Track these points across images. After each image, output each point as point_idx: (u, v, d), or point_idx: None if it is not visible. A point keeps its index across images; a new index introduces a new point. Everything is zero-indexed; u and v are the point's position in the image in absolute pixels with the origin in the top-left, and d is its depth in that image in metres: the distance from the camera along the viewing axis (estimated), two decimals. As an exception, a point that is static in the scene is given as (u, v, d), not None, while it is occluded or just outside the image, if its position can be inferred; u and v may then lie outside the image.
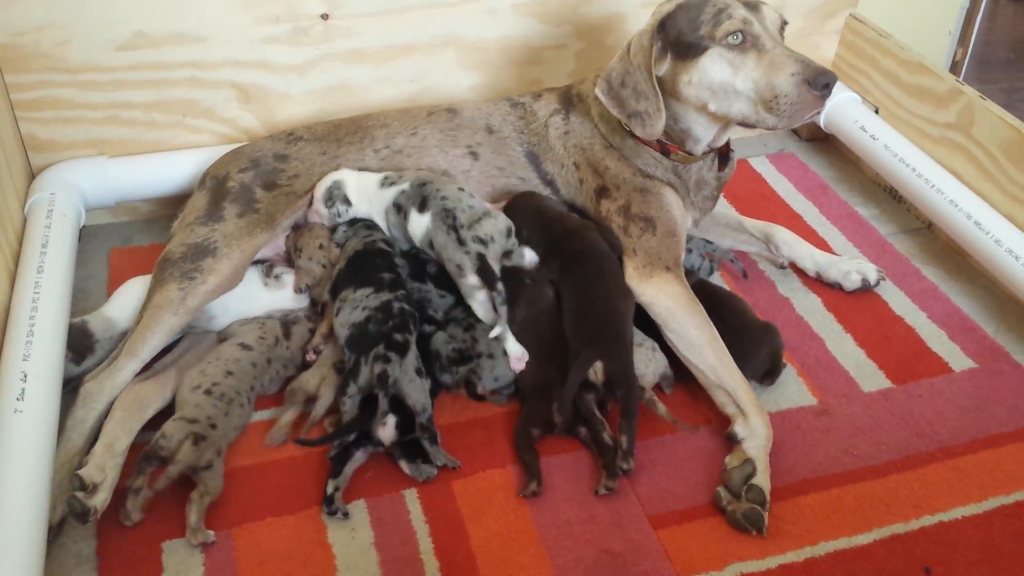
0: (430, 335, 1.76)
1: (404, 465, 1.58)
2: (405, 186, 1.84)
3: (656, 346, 1.76)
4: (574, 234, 1.83)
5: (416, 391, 1.60)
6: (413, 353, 1.64)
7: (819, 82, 1.64)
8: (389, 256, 1.80)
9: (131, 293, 1.77)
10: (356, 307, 1.68)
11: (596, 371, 1.63)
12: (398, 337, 1.63)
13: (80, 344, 1.71)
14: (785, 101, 1.66)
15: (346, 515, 1.52)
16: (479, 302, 1.74)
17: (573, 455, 1.65)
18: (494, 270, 1.73)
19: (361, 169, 1.94)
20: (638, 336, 1.75)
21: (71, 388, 1.66)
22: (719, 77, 1.71)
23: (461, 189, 1.83)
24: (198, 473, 1.50)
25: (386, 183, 1.86)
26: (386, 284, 1.72)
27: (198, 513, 1.48)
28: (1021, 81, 3.37)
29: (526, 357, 1.70)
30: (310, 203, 1.91)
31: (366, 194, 1.87)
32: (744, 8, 1.71)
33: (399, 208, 1.84)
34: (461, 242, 1.74)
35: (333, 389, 1.67)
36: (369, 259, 1.78)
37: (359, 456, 1.58)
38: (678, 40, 1.73)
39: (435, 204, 1.80)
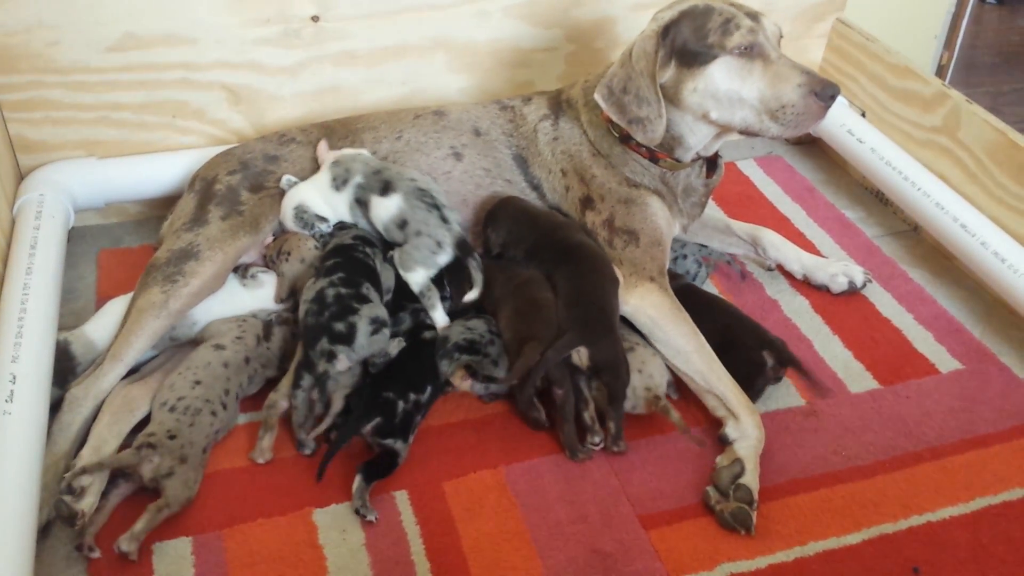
0: (431, 340, 1.74)
1: (357, 482, 1.54)
2: (359, 179, 1.85)
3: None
4: (564, 228, 1.85)
5: (377, 344, 1.63)
6: (363, 331, 1.62)
7: (826, 93, 1.67)
8: (349, 248, 1.78)
9: (113, 313, 1.75)
10: (302, 302, 1.70)
11: (581, 356, 1.64)
12: (339, 327, 1.62)
13: (62, 367, 1.68)
14: (792, 111, 1.68)
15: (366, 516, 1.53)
16: (424, 276, 1.78)
17: (563, 455, 1.65)
18: (470, 244, 1.81)
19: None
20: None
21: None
22: (726, 86, 1.72)
23: (423, 175, 1.89)
24: (159, 481, 1.49)
25: (338, 182, 1.86)
26: (323, 271, 1.72)
27: (146, 523, 1.45)
28: (1007, 85, 3.40)
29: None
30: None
31: (329, 201, 1.87)
32: (748, 18, 1.73)
33: (359, 201, 1.85)
34: (445, 220, 1.79)
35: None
36: (323, 258, 1.78)
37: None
38: (684, 48, 1.74)
39: (404, 185, 1.82)
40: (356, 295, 1.67)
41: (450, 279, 1.83)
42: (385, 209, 1.81)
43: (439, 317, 1.78)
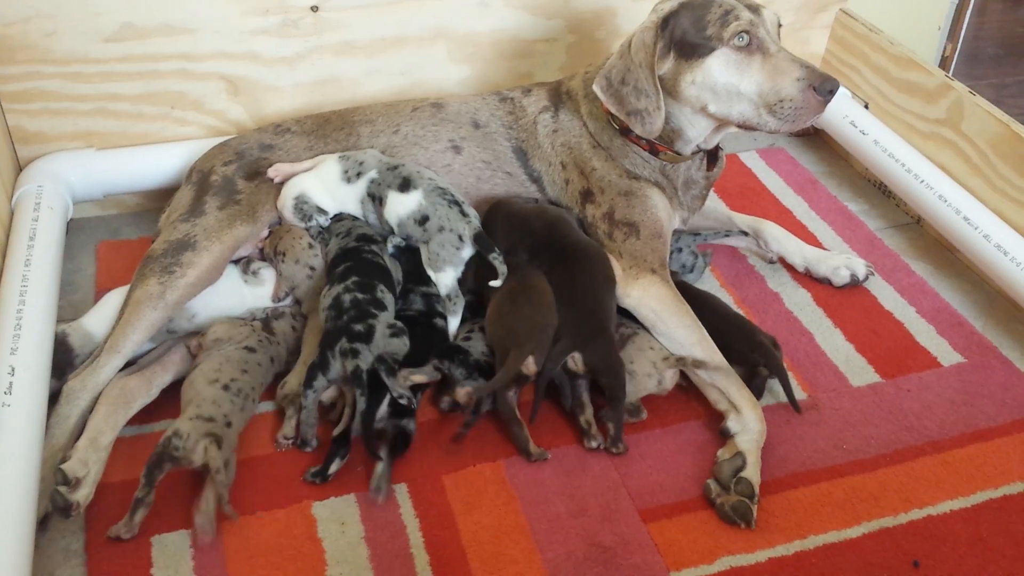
0: (443, 329, 1.75)
1: (381, 467, 1.55)
2: (373, 174, 1.84)
3: None
4: (557, 226, 1.83)
5: (393, 346, 1.62)
6: (380, 333, 1.62)
7: (825, 88, 1.66)
8: (356, 251, 1.78)
9: (112, 305, 1.73)
10: (320, 310, 1.70)
11: (576, 361, 1.64)
12: (358, 327, 1.62)
13: (60, 359, 1.68)
14: (789, 105, 1.67)
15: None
16: (453, 277, 1.78)
17: (563, 449, 1.65)
18: (488, 240, 1.79)
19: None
20: None
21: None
22: (724, 79, 1.71)
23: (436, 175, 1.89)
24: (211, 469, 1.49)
25: (350, 174, 1.85)
26: (336, 277, 1.72)
27: (212, 498, 1.48)
28: (1010, 77, 3.39)
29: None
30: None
31: (334, 193, 1.86)
32: (748, 10, 1.71)
33: (373, 196, 1.84)
34: (464, 214, 1.79)
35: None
36: (333, 263, 1.78)
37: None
38: (683, 39, 1.73)
39: (425, 182, 1.81)
40: (373, 300, 1.67)
41: (474, 271, 1.82)
42: (404, 205, 1.80)
43: (453, 324, 1.78)
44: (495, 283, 1.75)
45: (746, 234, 2.11)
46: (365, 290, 1.68)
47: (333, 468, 1.57)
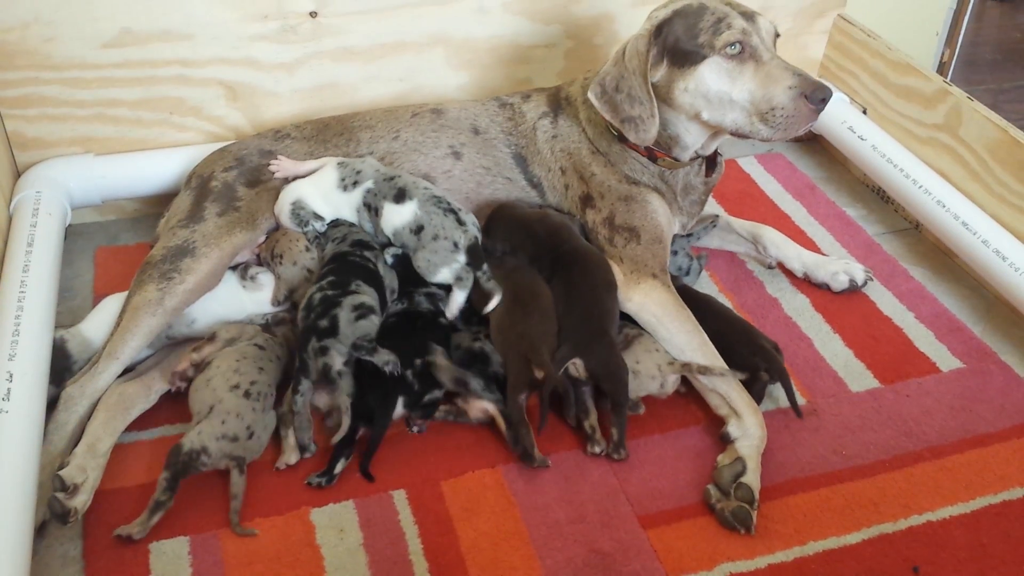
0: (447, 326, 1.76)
1: (420, 424, 1.66)
2: (370, 184, 1.84)
3: None
4: (558, 233, 1.83)
5: (361, 329, 1.62)
6: (345, 320, 1.62)
7: (816, 96, 1.65)
8: (345, 255, 1.78)
9: (110, 311, 1.73)
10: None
11: (577, 367, 1.63)
12: (323, 323, 1.62)
13: (58, 365, 1.67)
14: (781, 113, 1.67)
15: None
16: (449, 275, 1.77)
17: (561, 455, 1.65)
18: (482, 253, 1.77)
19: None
20: None
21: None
22: (716, 86, 1.71)
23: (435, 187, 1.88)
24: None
25: (346, 183, 1.85)
26: (316, 280, 1.73)
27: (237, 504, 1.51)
28: (1008, 82, 3.40)
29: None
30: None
31: (330, 200, 1.86)
32: (742, 18, 1.71)
33: (369, 206, 1.84)
34: (461, 223, 1.78)
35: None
36: (322, 267, 1.78)
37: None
38: (675, 47, 1.73)
39: (420, 192, 1.81)
40: (343, 292, 1.67)
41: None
42: (399, 216, 1.80)
43: (454, 305, 1.76)
44: (491, 306, 1.73)
45: (719, 217, 2.11)
46: (336, 286, 1.68)
47: (338, 468, 1.57)
